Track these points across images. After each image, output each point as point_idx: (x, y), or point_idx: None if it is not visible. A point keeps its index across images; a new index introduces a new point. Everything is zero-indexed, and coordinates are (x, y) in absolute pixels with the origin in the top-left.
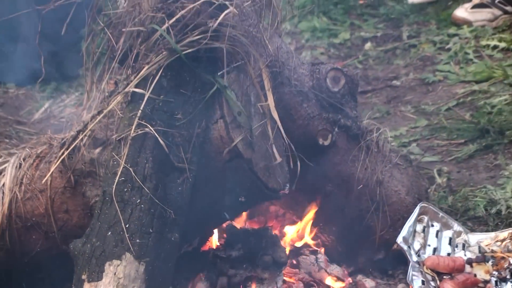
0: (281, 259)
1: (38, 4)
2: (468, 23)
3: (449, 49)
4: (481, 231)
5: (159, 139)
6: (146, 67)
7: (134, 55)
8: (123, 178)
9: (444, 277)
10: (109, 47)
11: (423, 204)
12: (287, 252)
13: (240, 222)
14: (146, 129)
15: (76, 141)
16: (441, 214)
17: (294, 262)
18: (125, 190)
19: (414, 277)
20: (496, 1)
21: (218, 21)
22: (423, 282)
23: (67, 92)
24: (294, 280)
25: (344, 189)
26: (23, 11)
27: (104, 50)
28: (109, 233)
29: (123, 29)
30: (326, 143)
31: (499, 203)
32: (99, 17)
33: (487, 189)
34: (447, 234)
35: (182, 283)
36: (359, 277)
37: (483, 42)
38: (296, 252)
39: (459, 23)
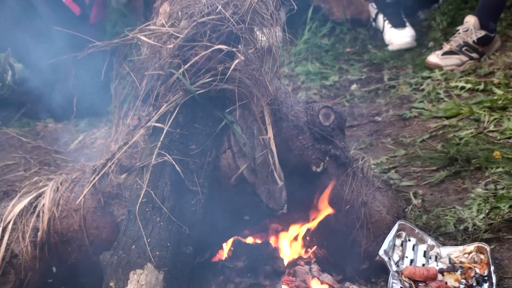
0: (280, 268)
1: (73, 51)
2: (439, 67)
3: (423, 90)
4: (451, 245)
5: (176, 166)
6: (165, 105)
7: (154, 95)
8: (145, 200)
9: (420, 284)
10: (134, 88)
11: (401, 222)
12: (285, 262)
13: (245, 237)
14: (165, 157)
15: (105, 168)
16: (417, 230)
17: (291, 271)
18: (147, 210)
19: (394, 285)
20: (463, 49)
21: (230, 69)
22: None
23: (97, 126)
24: (292, 287)
25: (334, 209)
26: (60, 57)
27: (129, 91)
28: (133, 246)
29: (146, 73)
30: (319, 170)
31: (466, 221)
32: (125, 62)
33: (456, 209)
34: (422, 247)
35: None
36: (347, 284)
37: (452, 84)
38: (293, 262)
39: (431, 68)
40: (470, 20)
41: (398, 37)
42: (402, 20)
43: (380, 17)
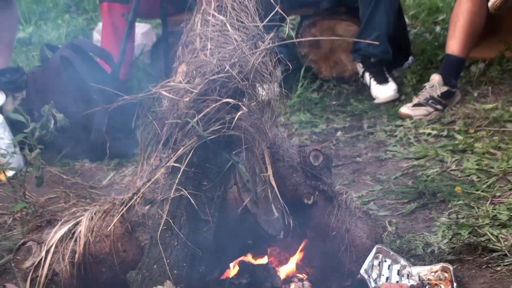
0: (277, 285)
1: (106, 103)
2: (410, 117)
3: (396, 135)
4: (420, 265)
5: (191, 199)
6: (182, 148)
7: (173, 140)
8: (165, 227)
9: None
10: (156, 134)
11: (378, 246)
12: (282, 280)
13: (248, 258)
14: (182, 192)
15: (132, 201)
16: (391, 252)
17: (287, 287)
18: (167, 235)
19: None
20: (429, 102)
21: (236, 118)
22: None
23: (126, 165)
24: None
25: (322, 235)
26: (95, 108)
27: (152, 136)
28: (155, 266)
29: (166, 121)
30: (310, 202)
31: (433, 245)
32: (149, 112)
33: (424, 235)
34: (396, 267)
35: None
36: None
37: (421, 130)
38: (288, 280)
39: (403, 117)
40: (435, 78)
41: (383, 92)
42: (385, 76)
43: (367, 74)
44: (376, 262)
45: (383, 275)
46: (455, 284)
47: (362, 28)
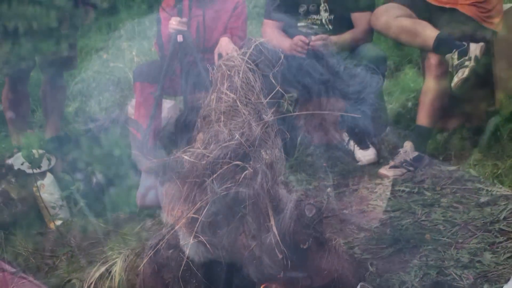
0: None
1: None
2: (387, 177)
3: (376, 192)
4: None
5: (207, 245)
6: (200, 202)
7: (193, 195)
8: (185, 268)
9: None
10: (178, 190)
11: (362, 284)
12: None
13: None
14: (199, 238)
15: (158, 246)
16: None
17: None
18: (187, 274)
19: None
20: (403, 164)
21: (246, 178)
22: None
23: (154, 216)
24: None
25: (316, 274)
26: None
27: (176, 192)
28: None
29: (187, 180)
30: (305, 247)
31: (407, 283)
32: (173, 173)
33: (400, 275)
34: None
35: None
36: None
37: (396, 188)
38: None
39: (382, 177)
40: (408, 145)
41: (365, 155)
42: (366, 143)
43: (351, 142)
44: None
45: None
46: None
47: (351, 105)
